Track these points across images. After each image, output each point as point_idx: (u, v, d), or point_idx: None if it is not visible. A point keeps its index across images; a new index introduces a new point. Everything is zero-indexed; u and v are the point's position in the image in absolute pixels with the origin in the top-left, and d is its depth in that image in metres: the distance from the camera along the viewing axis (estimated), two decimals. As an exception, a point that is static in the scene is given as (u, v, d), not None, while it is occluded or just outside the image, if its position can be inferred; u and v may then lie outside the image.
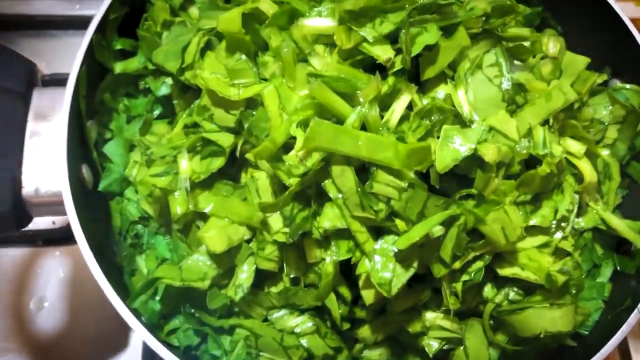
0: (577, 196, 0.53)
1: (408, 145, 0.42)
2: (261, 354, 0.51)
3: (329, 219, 0.46)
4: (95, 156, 0.58)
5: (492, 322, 0.53)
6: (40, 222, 0.86)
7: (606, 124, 0.58)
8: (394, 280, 0.45)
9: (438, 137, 0.45)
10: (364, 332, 0.55)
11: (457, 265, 0.47)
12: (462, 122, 0.46)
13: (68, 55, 0.58)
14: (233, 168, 0.54)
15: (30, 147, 0.54)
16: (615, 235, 0.58)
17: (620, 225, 0.56)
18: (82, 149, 0.57)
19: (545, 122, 0.50)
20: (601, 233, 0.59)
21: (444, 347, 0.53)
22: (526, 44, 0.51)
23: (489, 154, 0.44)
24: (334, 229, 0.46)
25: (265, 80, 0.50)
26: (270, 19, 0.49)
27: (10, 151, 0.53)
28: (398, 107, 0.45)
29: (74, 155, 0.54)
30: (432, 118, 0.46)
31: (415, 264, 0.45)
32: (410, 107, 0.46)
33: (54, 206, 0.54)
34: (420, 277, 0.53)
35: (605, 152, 0.57)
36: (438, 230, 0.45)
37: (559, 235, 0.52)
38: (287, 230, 0.48)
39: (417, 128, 0.45)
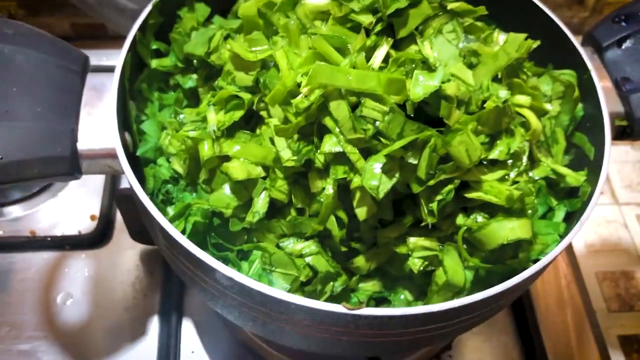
0: (527, 143, 0.65)
1: (387, 74, 0.56)
2: (274, 269, 0.61)
3: (328, 144, 0.58)
4: (135, 129, 0.71)
5: (465, 246, 0.64)
6: (67, 230, 0.97)
7: (549, 96, 0.72)
8: (381, 186, 0.57)
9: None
10: (359, 261, 0.65)
11: (431, 182, 0.58)
12: (429, 69, 0.59)
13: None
14: (249, 125, 0.67)
15: (85, 112, 0.67)
16: (564, 186, 0.70)
17: (567, 171, 0.68)
18: (125, 120, 0.70)
19: (496, 80, 0.64)
20: (553, 184, 0.71)
21: (426, 267, 0.63)
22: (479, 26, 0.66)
23: (450, 88, 0.58)
24: (332, 153, 0.58)
25: (276, 52, 0.64)
26: (279, 5, 0.65)
27: (69, 113, 0.65)
28: (379, 54, 0.59)
29: (120, 123, 0.67)
30: (406, 67, 0.60)
31: (397, 175, 0.57)
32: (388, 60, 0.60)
33: (104, 160, 0.66)
34: (402, 212, 0.65)
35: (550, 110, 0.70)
36: (410, 155, 0.57)
37: (514, 173, 0.64)
38: (295, 157, 0.60)
39: (394, 72, 0.59)
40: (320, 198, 0.61)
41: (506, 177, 0.64)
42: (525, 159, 0.65)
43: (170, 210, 0.69)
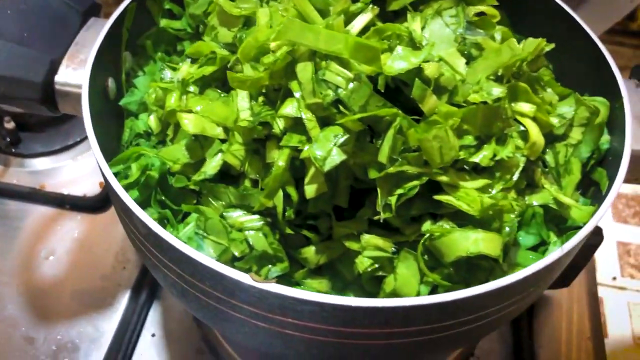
0: (522, 157, 0.57)
1: (356, 38, 0.50)
2: (206, 235, 0.56)
3: (288, 108, 0.53)
4: (124, 79, 0.69)
5: (427, 257, 0.56)
6: (74, 191, 0.97)
7: (570, 120, 0.63)
8: (329, 158, 0.50)
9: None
10: (309, 252, 0.58)
11: (391, 170, 0.52)
12: (414, 46, 0.53)
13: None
14: (225, 88, 0.63)
15: (73, 50, 0.66)
16: (572, 224, 0.60)
17: (571, 202, 0.58)
18: (114, 68, 0.68)
19: (498, 80, 0.57)
20: (556, 218, 0.61)
21: (376, 271, 0.56)
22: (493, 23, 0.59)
23: (429, 68, 0.51)
24: (290, 117, 0.53)
25: (266, 14, 0.61)
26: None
27: (58, 45, 0.65)
28: (359, 19, 0.54)
29: (104, 67, 0.65)
30: (390, 42, 0.54)
31: (349, 151, 0.51)
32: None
33: (76, 98, 0.65)
34: (359, 204, 0.58)
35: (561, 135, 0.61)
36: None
37: (500, 187, 0.56)
38: (251, 119, 0.55)
39: (373, 41, 0.53)
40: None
41: (489, 188, 0.55)
42: (517, 174, 0.57)
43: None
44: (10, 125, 1.03)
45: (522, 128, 0.57)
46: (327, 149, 0.51)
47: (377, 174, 0.52)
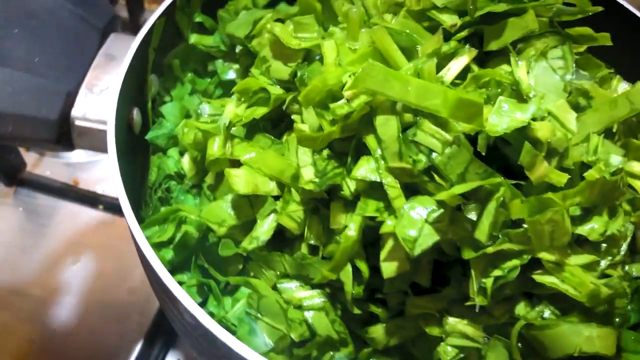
0: (631, 226, 0.48)
1: (458, 92, 0.41)
2: (260, 316, 0.47)
3: (363, 169, 0.44)
4: (150, 107, 0.59)
5: (520, 345, 0.47)
6: (108, 189, 0.92)
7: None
8: (420, 239, 0.41)
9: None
10: (377, 331, 0.50)
11: (490, 250, 0.43)
12: (520, 98, 0.44)
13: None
14: (277, 130, 0.53)
15: (92, 76, 0.56)
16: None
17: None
18: (139, 95, 0.58)
19: (609, 136, 0.48)
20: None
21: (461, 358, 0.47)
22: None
23: (543, 129, 0.42)
24: (366, 181, 0.44)
25: (329, 44, 0.50)
26: (344, -11, 0.51)
27: (74, 71, 0.55)
28: (454, 65, 0.44)
29: (129, 97, 0.55)
30: (489, 90, 0.44)
31: (444, 229, 0.42)
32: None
33: (96, 135, 0.55)
34: (443, 280, 0.49)
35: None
36: (471, 209, 0.42)
37: (606, 262, 0.47)
38: (317, 180, 0.46)
39: (470, 91, 0.44)
40: (340, 238, 0.47)
41: (595, 265, 0.47)
42: (625, 246, 0.48)
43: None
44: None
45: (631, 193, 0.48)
46: (417, 227, 0.42)
47: (474, 254, 0.43)
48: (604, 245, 0.48)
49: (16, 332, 0.77)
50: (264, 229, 0.48)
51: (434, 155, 0.42)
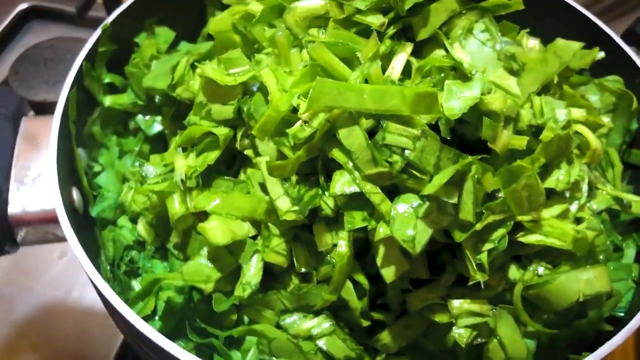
0: (586, 168, 0.51)
1: (414, 89, 0.42)
2: (276, 359, 0.46)
3: (340, 183, 0.43)
4: (86, 183, 0.56)
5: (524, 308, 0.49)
6: None
7: (598, 110, 0.59)
8: (417, 236, 0.42)
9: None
10: (385, 337, 0.50)
11: (478, 226, 0.44)
12: (463, 77, 0.46)
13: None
14: (232, 170, 0.52)
15: (18, 167, 0.52)
16: (632, 218, 0.56)
17: (632, 197, 0.54)
18: (72, 174, 0.54)
19: (544, 91, 0.50)
20: (616, 216, 0.57)
21: (476, 338, 0.48)
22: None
23: (496, 101, 0.44)
24: (346, 194, 0.44)
25: (260, 73, 0.50)
26: (259, 15, 0.50)
27: (-3, 168, 0.50)
28: (397, 63, 0.45)
29: (64, 178, 0.51)
30: (433, 77, 0.46)
31: (436, 220, 0.43)
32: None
33: (44, 226, 0.51)
34: (437, 267, 0.50)
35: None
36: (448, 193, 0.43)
37: (574, 206, 0.50)
38: (296, 208, 0.45)
39: (419, 84, 0.45)
40: (332, 258, 0.46)
41: (567, 212, 0.49)
42: (585, 187, 0.51)
43: (137, 285, 0.54)
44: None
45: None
46: (412, 225, 0.42)
47: (464, 235, 0.44)
48: (567, 192, 0.51)
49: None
50: (252, 272, 0.47)
51: (407, 152, 0.42)
